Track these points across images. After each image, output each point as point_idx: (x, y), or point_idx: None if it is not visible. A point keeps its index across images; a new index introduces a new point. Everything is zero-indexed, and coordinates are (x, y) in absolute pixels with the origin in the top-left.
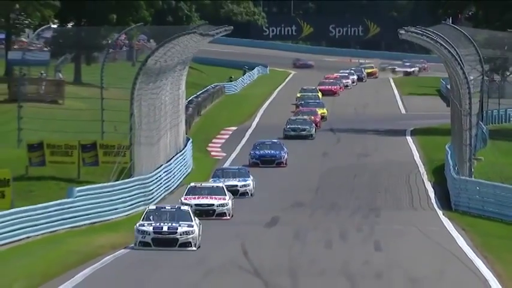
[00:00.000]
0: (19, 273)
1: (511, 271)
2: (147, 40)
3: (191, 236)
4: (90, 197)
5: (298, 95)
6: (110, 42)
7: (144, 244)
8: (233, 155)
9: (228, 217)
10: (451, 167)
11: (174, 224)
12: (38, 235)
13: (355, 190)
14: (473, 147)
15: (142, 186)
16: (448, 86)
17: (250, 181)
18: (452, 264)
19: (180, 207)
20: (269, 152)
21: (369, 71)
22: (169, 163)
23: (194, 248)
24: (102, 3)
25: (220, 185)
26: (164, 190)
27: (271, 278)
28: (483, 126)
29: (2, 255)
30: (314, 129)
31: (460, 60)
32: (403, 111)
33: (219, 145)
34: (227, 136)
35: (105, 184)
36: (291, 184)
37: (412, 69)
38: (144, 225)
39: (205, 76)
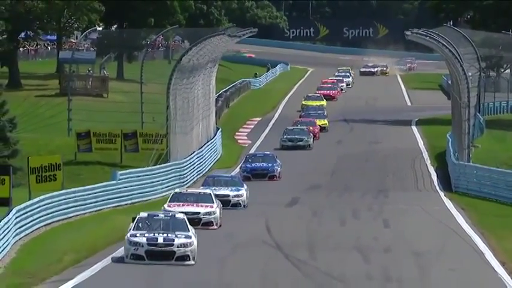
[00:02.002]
0: (69, 247)
1: (504, 245)
2: (181, 41)
3: (189, 248)
4: (132, 179)
5: (303, 102)
6: (148, 42)
7: (137, 257)
8: (258, 142)
9: (216, 226)
10: (451, 153)
11: (170, 235)
12: (85, 213)
13: (366, 173)
14: (471, 136)
15: (177, 170)
16: (449, 82)
17: (243, 191)
18: (452, 239)
19: (175, 215)
20: (261, 165)
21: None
22: (201, 150)
23: (193, 262)
24: (142, 8)
25: (208, 191)
26: (197, 174)
27: (291, 251)
28: (480, 117)
29: (55, 231)
30: (312, 140)
31: (460, 58)
32: (409, 103)
33: (245, 134)
34: (252, 126)
35: (144, 168)
36: (309, 168)
37: (376, 69)
38: (136, 236)
39: (233, 73)
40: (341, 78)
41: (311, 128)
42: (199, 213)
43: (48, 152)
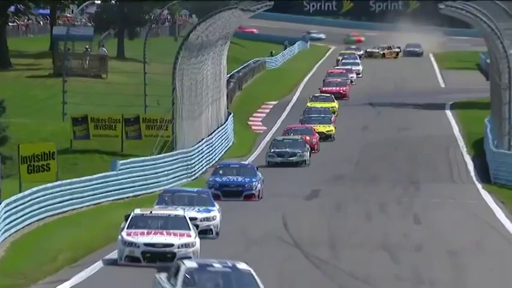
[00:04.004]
0: (64, 244)
1: None
2: (189, 15)
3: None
4: (134, 170)
5: (308, 104)
6: (152, 17)
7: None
8: (274, 129)
9: None
10: (490, 140)
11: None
12: (82, 207)
13: (395, 163)
14: None
15: (184, 159)
16: (488, 60)
17: (215, 212)
18: (491, 236)
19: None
20: (234, 179)
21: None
22: (210, 137)
23: None
24: None
25: (181, 213)
26: (206, 163)
27: (311, 249)
28: None
29: (48, 227)
30: (309, 154)
31: (500, 34)
32: (442, 85)
33: (260, 119)
34: (268, 110)
35: (148, 157)
36: (331, 157)
37: (377, 50)
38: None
39: (247, 51)
40: (349, 67)
41: (307, 138)
42: (172, 245)
43: (41, 139)
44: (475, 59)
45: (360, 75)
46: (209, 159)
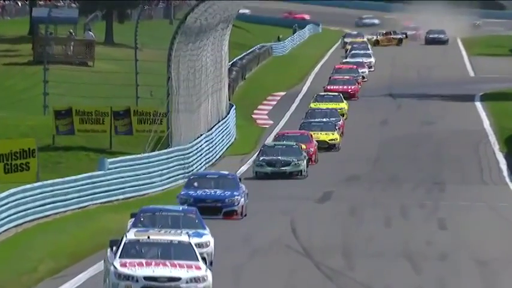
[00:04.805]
0: (45, 253)
1: None
2: None
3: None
4: (124, 169)
5: (312, 105)
6: None
7: None
8: (281, 123)
9: None
10: None
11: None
12: (66, 211)
13: (417, 162)
14: None
15: (181, 157)
16: None
17: (208, 236)
18: None
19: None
20: (212, 192)
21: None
22: (210, 132)
23: None
24: None
25: (185, 239)
26: (205, 162)
27: (323, 258)
28: None
29: (28, 233)
30: (306, 163)
31: None
32: (471, 73)
33: (266, 112)
34: (275, 102)
35: (140, 155)
36: (345, 155)
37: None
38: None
39: (251, 36)
40: (360, 59)
41: (303, 147)
42: (179, 279)
43: (20, 135)
44: (509, 44)
45: (372, 69)
46: (209, 158)
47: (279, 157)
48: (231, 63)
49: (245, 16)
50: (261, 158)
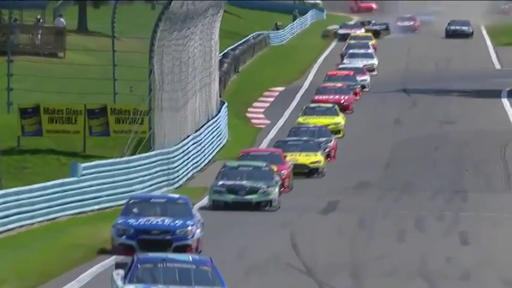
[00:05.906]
0: (9, 271)
1: None
2: None
3: None
4: (99, 175)
5: (300, 119)
6: None
7: None
8: (280, 123)
9: None
10: None
11: None
12: (33, 223)
13: (435, 167)
14: None
15: (164, 162)
16: None
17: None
18: None
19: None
20: (159, 222)
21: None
22: (198, 133)
23: None
24: None
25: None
26: (192, 167)
27: (327, 278)
28: None
29: None
30: (278, 190)
31: None
32: (497, 66)
33: (262, 110)
34: (272, 99)
35: (117, 159)
36: (353, 159)
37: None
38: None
39: (245, 23)
40: (359, 63)
41: (275, 169)
42: None
43: None
44: None
45: (375, 72)
46: (196, 162)
47: (243, 182)
48: (222, 54)
49: (238, 0)
50: (220, 183)
